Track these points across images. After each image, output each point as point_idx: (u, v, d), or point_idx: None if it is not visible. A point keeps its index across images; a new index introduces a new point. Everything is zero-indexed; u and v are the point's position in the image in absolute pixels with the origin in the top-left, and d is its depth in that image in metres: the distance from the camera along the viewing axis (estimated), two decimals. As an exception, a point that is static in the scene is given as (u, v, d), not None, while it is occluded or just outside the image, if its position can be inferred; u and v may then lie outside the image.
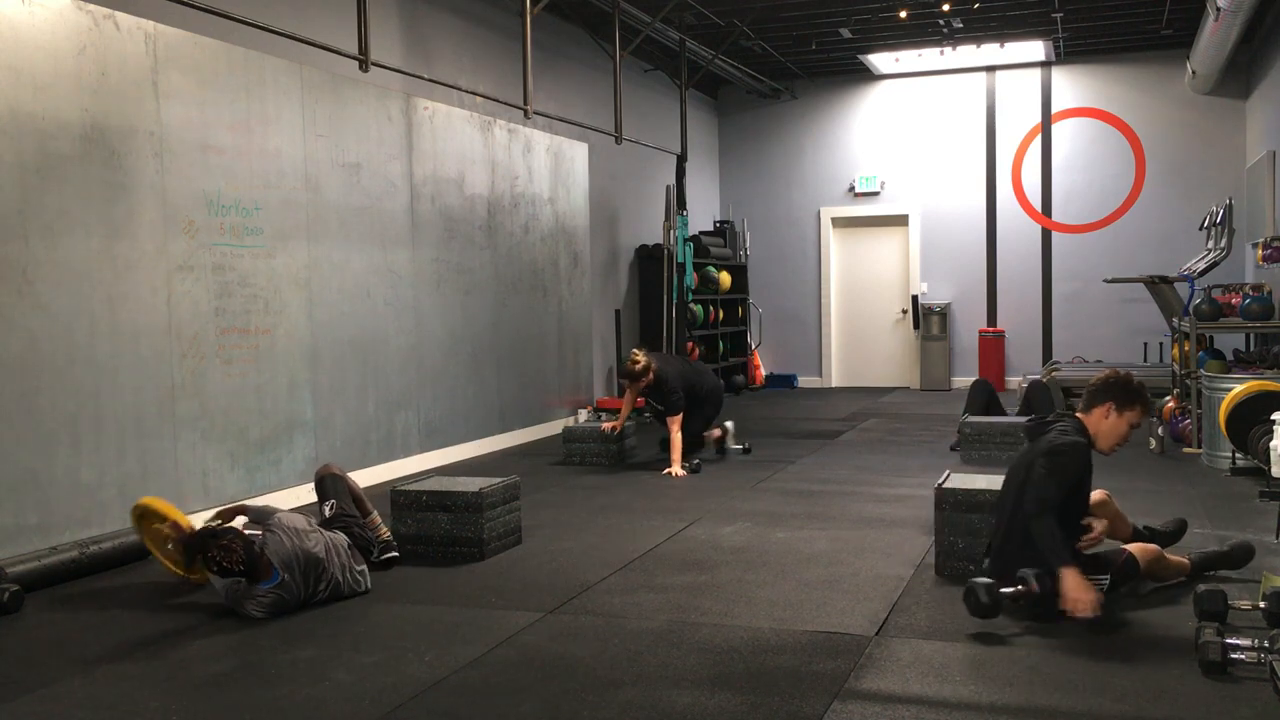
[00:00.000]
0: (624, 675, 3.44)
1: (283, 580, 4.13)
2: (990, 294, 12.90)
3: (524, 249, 8.93)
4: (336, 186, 6.75)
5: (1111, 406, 4.16)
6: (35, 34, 4.85)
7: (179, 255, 5.59)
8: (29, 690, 3.44)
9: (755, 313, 13.64)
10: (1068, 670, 3.41)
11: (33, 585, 4.53)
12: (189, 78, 5.66)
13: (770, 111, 13.60)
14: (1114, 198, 12.38)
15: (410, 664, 3.59)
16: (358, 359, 6.96)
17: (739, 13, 10.28)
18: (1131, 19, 10.85)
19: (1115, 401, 4.16)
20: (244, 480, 6.00)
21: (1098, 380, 4.25)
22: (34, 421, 4.82)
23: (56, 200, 4.93)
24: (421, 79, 7.45)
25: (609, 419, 8.05)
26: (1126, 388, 4.17)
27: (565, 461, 7.71)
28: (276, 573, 4.13)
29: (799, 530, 5.47)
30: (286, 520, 4.35)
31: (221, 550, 4.07)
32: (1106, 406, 4.17)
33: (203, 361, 5.73)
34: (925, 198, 13.07)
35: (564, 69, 9.96)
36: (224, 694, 3.37)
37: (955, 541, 4.53)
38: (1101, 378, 4.27)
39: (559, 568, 4.83)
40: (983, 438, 7.46)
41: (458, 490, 5.05)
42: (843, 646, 3.68)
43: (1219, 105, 11.91)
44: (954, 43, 11.50)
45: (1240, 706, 3.09)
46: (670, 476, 7.08)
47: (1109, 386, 4.20)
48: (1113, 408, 4.16)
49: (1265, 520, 5.41)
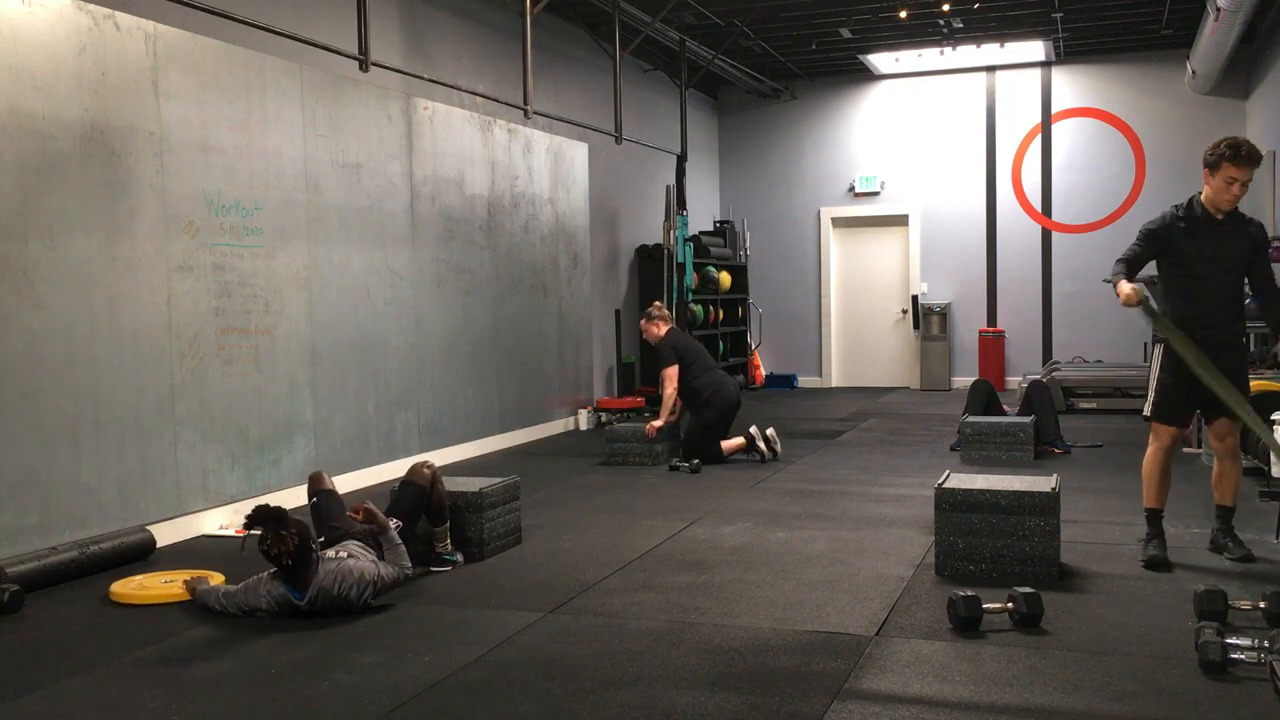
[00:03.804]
0: (624, 675, 3.44)
1: (305, 600, 4.10)
2: (990, 294, 12.90)
3: (524, 249, 8.93)
4: (336, 186, 6.75)
5: (1206, 173, 4.61)
6: (35, 34, 4.85)
7: (179, 255, 5.59)
8: (29, 690, 3.44)
9: (755, 313, 13.64)
10: (1068, 670, 3.41)
11: (33, 585, 4.53)
12: (189, 78, 5.65)
13: (770, 111, 13.60)
14: (1114, 198, 12.38)
15: (410, 664, 3.59)
16: (358, 359, 6.96)
17: (739, 13, 10.28)
18: (1131, 19, 10.85)
19: (1206, 167, 4.61)
20: (244, 480, 6.00)
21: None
22: (34, 421, 4.82)
23: (56, 200, 4.93)
24: (421, 79, 7.45)
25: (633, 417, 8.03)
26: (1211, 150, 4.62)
27: (608, 462, 7.69)
28: (304, 595, 4.10)
29: (799, 530, 5.47)
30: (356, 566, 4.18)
31: (277, 537, 4.02)
32: (1205, 173, 4.63)
33: (203, 361, 5.73)
34: (925, 198, 13.07)
35: (564, 69, 9.96)
36: (224, 694, 3.36)
37: (955, 541, 4.53)
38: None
39: (559, 568, 4.83)
40: (983, 438, 7.45)
41: (458, 490, 5.04)
42: (843, 646, 3.68)
43: (1219, 105, 11.90)
44: (954, 43, 11.50)
45: (1240, 706, 3.09)
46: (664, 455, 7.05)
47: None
48: (1206, 173, 4.60)
49: (1265, 520, 5.41)
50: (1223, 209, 4.62)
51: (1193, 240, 4.66)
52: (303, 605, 4.09)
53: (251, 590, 4.16)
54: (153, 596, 4.43)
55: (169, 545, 5.42)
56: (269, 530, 4.03)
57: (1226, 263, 4.66)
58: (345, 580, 4.10)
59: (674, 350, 7.73)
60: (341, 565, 4.14)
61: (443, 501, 4.89)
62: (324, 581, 4.09)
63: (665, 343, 7.79)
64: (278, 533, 4.02)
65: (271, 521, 4.06)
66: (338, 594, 4.09)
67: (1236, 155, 4.51)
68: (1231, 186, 4.54)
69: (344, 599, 4.10)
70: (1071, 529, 5.11)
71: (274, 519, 4.07)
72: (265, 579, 4.15)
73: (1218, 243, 4.64)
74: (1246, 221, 4.68)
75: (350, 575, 4.11)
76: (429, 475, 4.86)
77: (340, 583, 4.09)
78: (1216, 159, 4.56)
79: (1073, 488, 6.19)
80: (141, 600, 4.41)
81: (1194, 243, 4.66)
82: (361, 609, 4.15)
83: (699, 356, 7.84)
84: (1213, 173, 4.58)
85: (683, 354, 7.75)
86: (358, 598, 4.12)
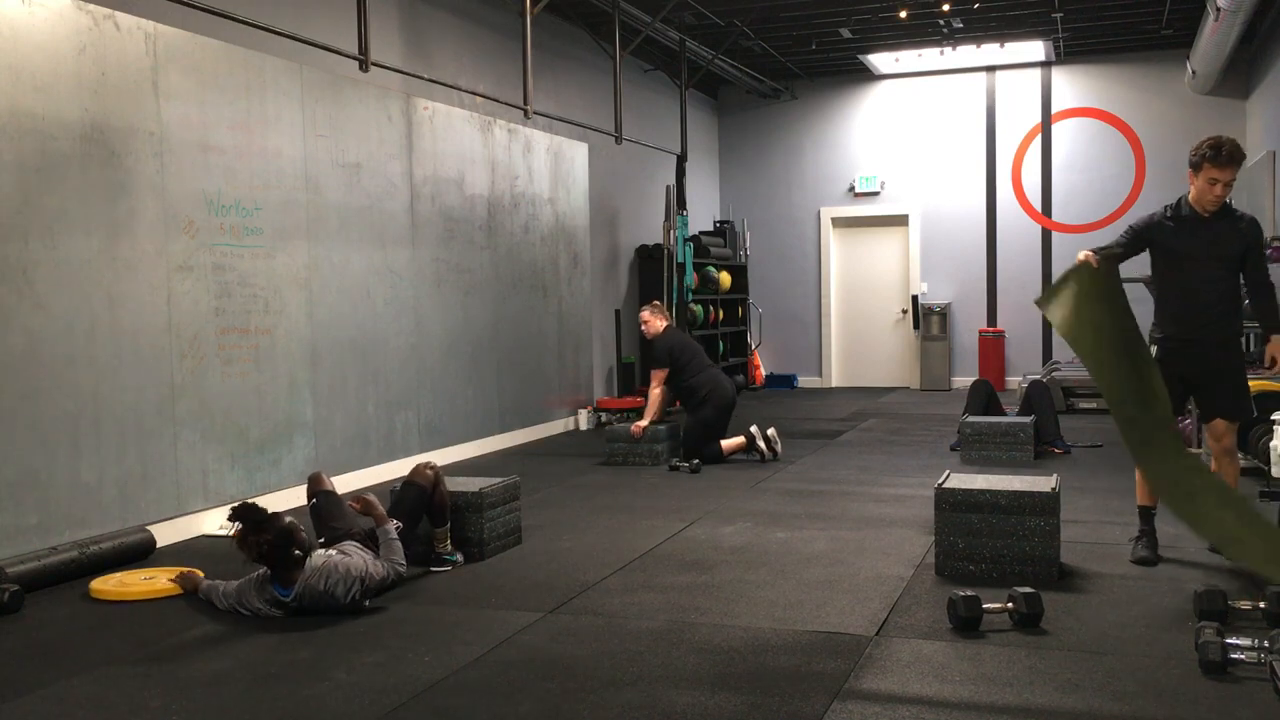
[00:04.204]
0: (624, 675, 3.44)
1: (291, 597, 4.10)
2: (990, 294, 12.90)
3: (524, 249, 8.93)
4: (336, 186, 6.75)
5: (1190, 173, 4.63)
6: (35, 34, 4.85)
7: (179, 255, 5.59)
8: (29, 690, 3.44)
9: (755, 313, 13.64)
10: (1068, 670, 3.41)
11: (33, 585, 4.53)
12: (189, 78, 5.66)
13: (770, 111, 13.60)
14: (1114, 198, 12.38)
15: (410, 664, 3.59)
16: (358, 359, 6.96)
17: (739, 13, 10.28)
18: (1131, 19, 10.85)
19: (1190, 167, 4.63)
20: (244, 480, 6.00)
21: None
22: (34, 421, 4.82)
23: (56, 200, 4.93)
24: (421, 79, 7.45)
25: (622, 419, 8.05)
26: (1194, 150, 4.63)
27: (608, 462, 7.70)
28: (290, 592, 4.10)
29: (799, 530, 5.47)
30: (344, 562, 4.17)
31: (244, 541, 4.05)
32: (1189, 173, 4.64)
33: (203, 361, 5.73)
34: (925, 198, 13.07)
35: (564, 69, 9.96)
36: (224, 694, 3.36)
37: (955, 541, 4.53)
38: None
39: (559, 568, 4.83)
40: (983, 438, 7.46)
41: (458, 490, 5.04)
42: (843, 646, 3.68)
43: (1219, 105, 11.90)
44: (954, 43, 11.50)
45: (1240, 706, 3.09)
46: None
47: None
48: (1190, 174, 4.62)
49: (1265, 520, 5.40)
50: (1208, 209, 4.60)
51: (1181, 239, 4.64)
52: (289, 602, 4.09)
53: (245, 588, 4.17)
54: (134, 593, 4.45)
55: (169, 545, 5.42)
56: (242, 530, 4.07)
57: (1218, 261, 4.62)
58: (332, 576, 4.09)
59: (669, 353, 7.77)
60: (329, 561, 4.13)
61: (444, 502, 4.88)
62: (310, 579, 4.08)
63: (662, 342, 7.81)
64: (247, 536, 4.05)
65: (248, 521, 4.08)
66: (324, 590, 4.07)
67: (1218, 155, 4.49)
68: (1214, 187, 4.51)
69: (330, 595, 4.08)
70: (1071, 529, 5.12)
71: (250, 519, 4.09)
72: (257, 577, 4.16)
73: (1208, 242, 4.61)
74: (1238, 218, 4.64)
75: (337, 571, 4.10)
76: (431, 476, 4.85)
77: (327, 579, 4.08)
78: (1199, 159, 4.55)
79: (1073, 488, 6.20)
80: (122, 597, 4.44)
81: (1182, 242, 4.64)
82: (351, 608, 4.13)
83: (695, 355, 7.87)
84: (1196, 173, 4.57)
85: (678, 354, 7.78)
86: (345, 594, 4.09)
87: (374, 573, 4.21)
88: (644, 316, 8.01)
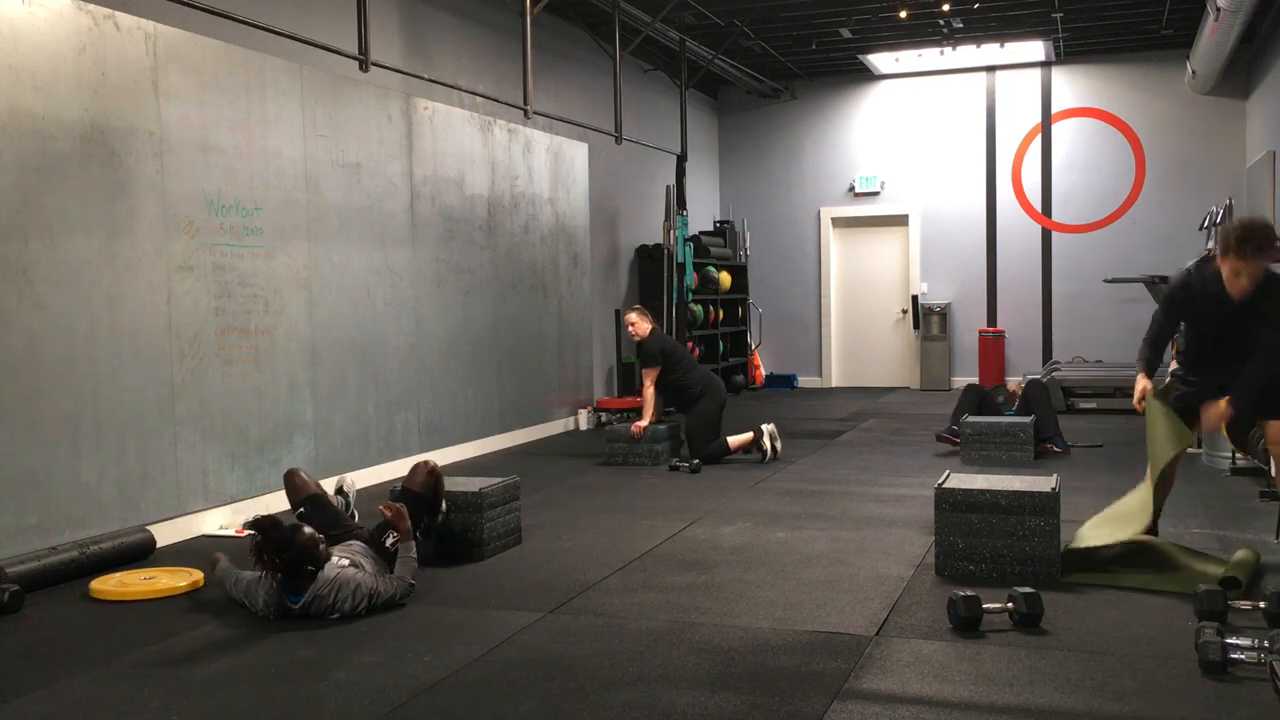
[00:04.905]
0: (624, 675, 3.44)
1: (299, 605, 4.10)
2: (990, 294, 12.90)
3: (524, 249, 8.93)
4: (336, 186, 6.75)
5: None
6: (35, 34, 4.85)
7: (179, 255, 5.59)
8: (29, 690, 3.44)
9: (755, 313, 13.64)
10: (1068, 670, 3.41)
11: (33, 585, 4.53)
12: (189, 78, 5.66)
13: (770, 111, 13.60)
14: (1114, 198, 12.38)
15: (410, 664, 3.59)
16: (358, 359, 6.96)
17: (739, 13, 10.28)
18: (1131, 19, 10.85)
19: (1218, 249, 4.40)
20: (244, 480, 6.00)
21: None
22: (34, 421, 4.82)
23: (56, 200, 4.93)
24: (421, 79, 7.45)
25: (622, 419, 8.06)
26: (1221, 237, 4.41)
27: (608, 462, 7.70)
28: (299, 599, 4.10)
29: (799, 530, 5.47)
30: (356, 577, 4.17)
31: (260, 557, 4.04)
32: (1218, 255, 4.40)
33: (203, 361, 5.73)
34: (925, 198, 13.08)
35: (564, 69, 9.96)
36: (224, 694, 3.36)
37: (955, 541, 4.53)
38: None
39: (559, 568, 4.83)
40: (983, 438, 7.46)
41: (458, 490, 5.04)
42: (843, 646, 3.68)
43: (1219, 105, 11.91)
44: (954, 43, 11.50)
45: (1240, 706, 3.09)
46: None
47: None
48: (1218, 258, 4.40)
49: (1265, 521, 5.41)
50: (1234, 296, 4.37)
51: (1212, 310, 4.49)
52: (296, 609, 4.10)
53: (255, 586, 4.17)
54: (134, 593, 4.46)
55: (169, 545, 5.42)
56: (259, 546, 4.04)
57: (1249, 335, 4.47)
58: (342, 591, 4.10)
59: (661, 353, 7.84)
60: (341, 575, 4.13)
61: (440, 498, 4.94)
62: (321, 590, 4.09)
63: (653, 343, 7.85)
64: (264, 553, 4.03)
65: (268, 538, 4.05)
66: (332, 602, 4.10)
67: (1242, 248, 4.24)
68: (1238, 278, 4.30)
69: (336, 608, 4.11)
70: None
71: (271, 537, 4.05)
72: (267, 576, 4.15)
73: (1243, 318, 4.44)
74: (1273, 296, 4.36)
75: (347, 587, 4.11)
76: (431, 481, 4.90)
77: (337, 593, 4.09)
78: (1224, 248, 4.30)
79: (1073, 488, 6.20)
80: (122, 597, 4.44)
81: (1214, 312, 4.49)
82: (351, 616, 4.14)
83: (684, 355, 8.01)
84: (1222, 257, 4.34)
85: (669, 354, 7.87)
86: (351, 609, 4.12)
87: (383, 590, 4.22)
88: (631, 319, 8.00)
